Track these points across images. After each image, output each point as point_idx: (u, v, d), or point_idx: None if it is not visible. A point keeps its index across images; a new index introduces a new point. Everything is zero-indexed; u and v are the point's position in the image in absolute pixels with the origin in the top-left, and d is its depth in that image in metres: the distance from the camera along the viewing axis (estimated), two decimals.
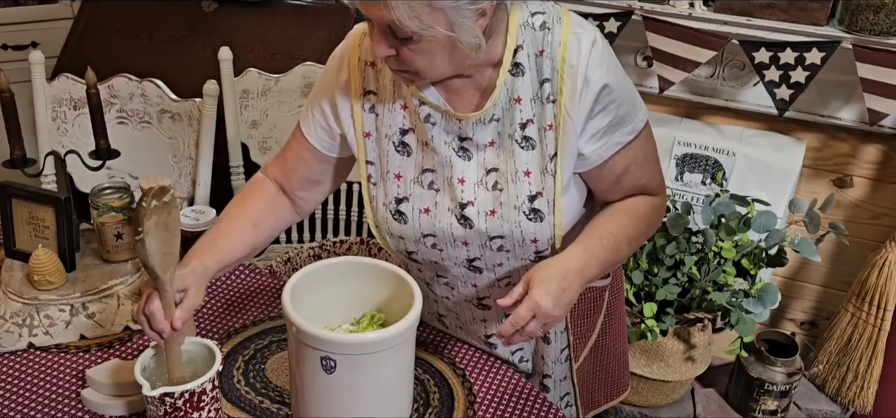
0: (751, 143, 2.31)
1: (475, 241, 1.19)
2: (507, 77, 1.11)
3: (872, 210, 2.34)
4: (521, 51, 1.10)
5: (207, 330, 1.37)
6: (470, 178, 1.16)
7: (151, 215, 1.00)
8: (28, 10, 2.69)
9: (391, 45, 1.02)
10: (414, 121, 1.17)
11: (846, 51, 1.99)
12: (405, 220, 1.20)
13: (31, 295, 1.30)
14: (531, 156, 1.13)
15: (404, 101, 1.16)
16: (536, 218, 1.15)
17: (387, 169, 1.19)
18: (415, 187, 1.18)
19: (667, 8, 2.15)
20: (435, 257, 1.23)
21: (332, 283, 1.15)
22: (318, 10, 2.37)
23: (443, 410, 1.19)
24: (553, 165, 1.13)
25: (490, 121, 1.13)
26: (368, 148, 1.20)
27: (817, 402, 2.33)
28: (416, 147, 1.18)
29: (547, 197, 1.14)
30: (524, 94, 1.11)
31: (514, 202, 1.14)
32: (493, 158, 1.15)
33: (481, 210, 1.16)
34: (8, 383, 1.22)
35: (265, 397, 1.20)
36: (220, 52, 2.02)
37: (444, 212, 1.17)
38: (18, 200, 1.35)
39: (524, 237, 1.16)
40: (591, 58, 1.08)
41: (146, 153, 2.03)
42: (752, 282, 2.10)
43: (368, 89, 1.18)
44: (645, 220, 1.22)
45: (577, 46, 1.08)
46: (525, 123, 1.12)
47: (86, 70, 1.42)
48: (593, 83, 1.09)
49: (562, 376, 1.41)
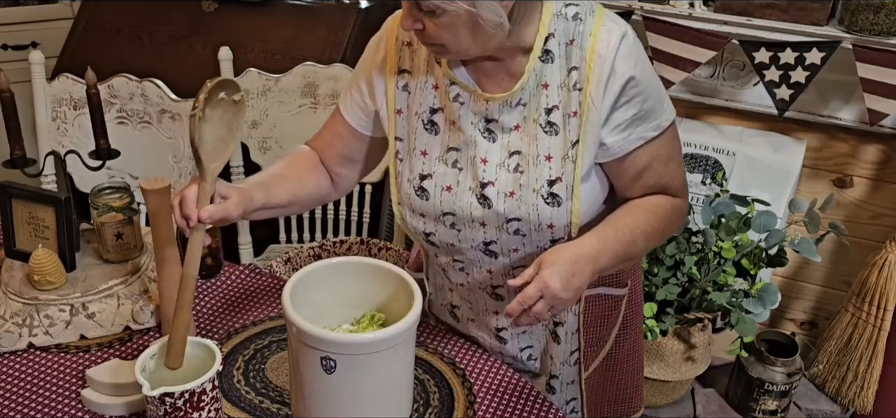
0: (751, 143, 2.31)
1: (492, 223, 1.20)
2: (536, 63, 1.13)
3: (872, 210, 2.34)
4: (552, 39, 1.13)
5: (207, 330, 1.37)
6: (493, 159, 1.18)
7: (217, 106, 1.03)
8: (28, 10, 2.70)
9: (417, 19, 1.07)
10: (444, 100, 1.20)
11: (846, 51, 1.99)
12: (427, 197, 1.22)
13: (31, 295, 1.30)
14: (554, 141, 1.15)
15: (436, 81, 1.20)
16: (554, 202, 1.16)
17: (414, 145, 1.22)
18: (439, 165, 1.21)
19: (667, 8, 2.15)
20: (452, 239, 1.24)
21: (332, 283, 1.15)
22: (318, 10, 2.37)
23: (443, 410, 1.19)
24: (574, 152, 1.14)
25: (516, 105, 1.16)
26: (398, 124, 1.24)
27: (817, 402, 2.33)
28: (444, 126, 1.21)
29: (566, 182, 1.15)
30: (552, 80, 1.14)
31: (534, 185, 1.16)
32: (517, 142, 1.17)
33: (501, 191, 1.17)
34: (8, 383, 1.22)
35: (265, 397, 1.20)
36: (220, 52, 2.02)
37: (465, 190, 1.19)
38: (18, 200, 1.35)
39: (541, 221, 1.17)
40: (619, 49, 1.11)
41: (146, 153, 2.03)
42: (752, 282, 2.10)
43: (403, 68, 1.23)
44: (664, 219, 1.22)
45: (606, 37, 1.11)
46: (550, 109, 1.15)
47: (86, 70, 1.41)
48: (620, 74, 1.11)
49: (569, 379, 1.40)
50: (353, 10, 2.36)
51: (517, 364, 1.41)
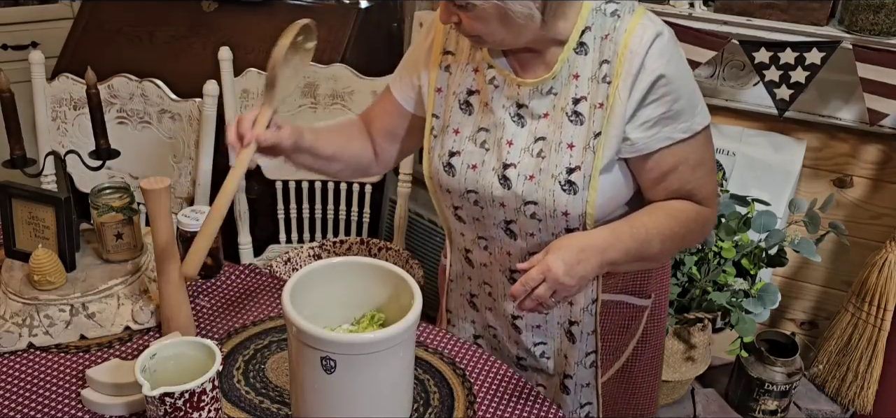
0: (751, 143, 2.31)
1: (511, 204, 1.23)
2: (570, 54, 1.17)
3: (872, 210, 2.34)
4: (588, 32, 1.16)
5: (207, 331, 1.37)
6: (518, 143, 1.21)
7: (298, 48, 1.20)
8: (28, 10, 2.70)
9: (453, 12, 1.12)
10: (480, 83, 1.25)
11: (846, 51, 1.99)
12: (453, 173, 1.27)
13: (31, 295, 1.30)
14: (578, 130, 1.17)
15: (476, 64, 1.25)
16: (571, 190, 1.17)
17: (448, 123, 1.28)
18: (468, 144, 1.26)
19: (667, 8, 2.15)
20: (477, 214, 1.29)
21: (332, 283, 1.15)
22: (318, 10, 2.37)
23: (443, 410, 1.19)
24: (596, 143, 1.16)
25: (547, 93, 1.19)
26: (437, 102, 1.30)
27: (817, 402, 2.33)
28: (478, 107, 1.26)
29: (584, 172, 1.16)
30: (583, 72, 1.16)
31: (553, 171, 1.18)
32: (544, 129, 1.20)
33: (522, 173, 1.20)
34: (8, 383, 1.22)
35: (265, 397, 1.20)
36: (220, 52, 2.02)
37: (489, 170, 1.23)
38: (18, 200, 1.35)
39: (556, 207, 1.19)
40: (652, 47, 1.12)
41: (146, 153, 2.04)
42: (752, 282, 2.10)
43: (448, 49, 1.29)
44: (684, 225, 1.21)
45: (640, 34, 1.13)
46: (578, 99, 1.17)
47: (86, 70, 1.42)
48: (650, 71, 1.12)
49: (584, 382, 1.39)
50: (353, 10, 2.36)
51: (530, 360, 1.41)
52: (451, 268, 1.45)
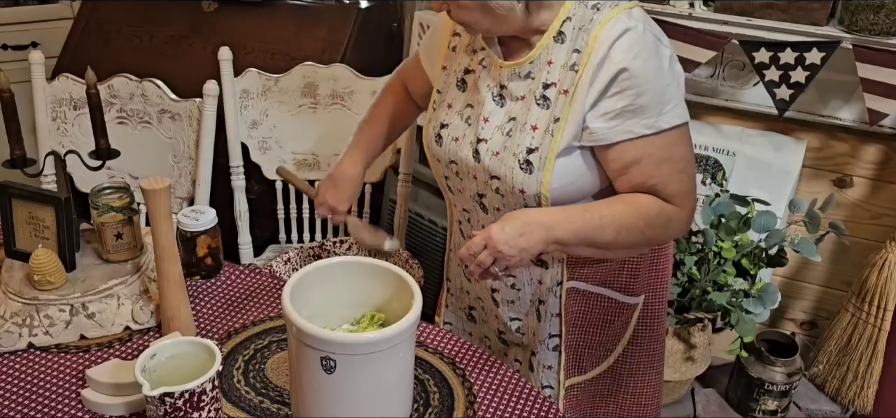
0: (751, 143, 2.31)
1: (481, 177, 1.31)
2: (550, 42, 1.22)
3: (872, 210, 2.34)
4: (568, 22, 1.21)
5: (207, 331, 1.37)
6: (494, 121, 1.28)
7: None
8: (28, 10, 2.70)
9: (444, 2, 1.21)
10: (475, 64, 1.34)
11: (846, 51, 1.99)
12: (441, 144, 1.36)
13: (31, 295, 1.30)
14: (542, 113, 1.22)
15: (475, 47, 1.34)
16: (527, 169, 1.23)
17: (445, 98, 1.38)
18: (456, 117, 1.35)
19: (667, 8, 2.15)
20: (459, 185, 1.38)
21: (332, 283, 1.15)
22: (318, 10, 2.37)
23: (443, 410, 1.20)
24: (554, 127, 1.20)
25: (525, 77, 1.25)
26: (442, 78, 1.40)
27: (817, 402, 2.33)
28: (470, 85, 1.34)
29: (541, 153, 1.21)
30: (557, 59, 1.22)
31: (515, 150, 1.24)
32: (518, 110, 1.26)
33: (490, 149, 1.27)
34: (8, 383, 1.22)
35: (265, 397, 1.20)
36: (220, 52, 2.02)
37: (467, 143, 1.32)
38: (18, 200, 1.35)
39: (514, 184, 1.25)
40: (620, 40, 1.15)
41: (146, 153, 2.04)
42: (752, 282, 2.10)
43: (456, 32, 1.39)
44: (644, 218, 1.22)
45: (611, 27, 1.16)
46: (549, 84, 1.22)
47: (86, 70, 1.41)
48: (613, 63, 1.15)
49: (547, 364, 1.44)
50: (353, 10, 2.36)
51: (509, 335, 1.48)
52: (451, 238, 1.54)
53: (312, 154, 2.13)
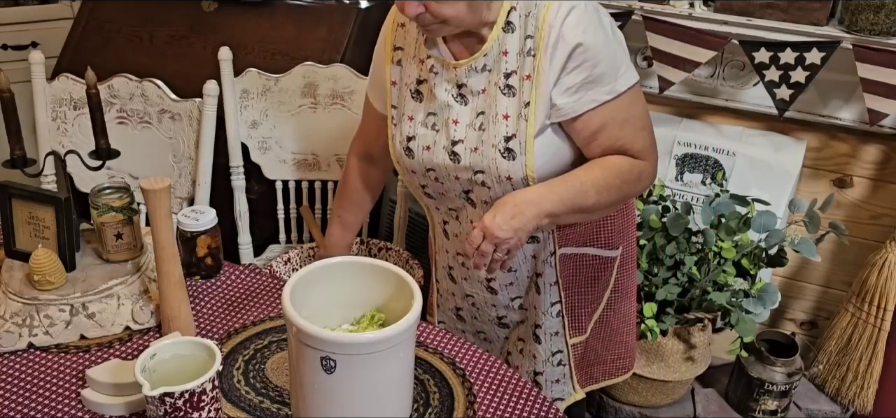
0: (751, 143, 2.31)
1: (464, 176, 1.35)
2: (499, 33, 1.26)
3: (872, 210, 2.34)
4: (513, 11, 1.26)
5: (207, 331, 1.37)
6: (463, 120, 1.32)
7: None
8: (28, 10, 2.69)
9: (421, 3, 1.19)
10: (425, 73, 1.36)
11: (846, 51, 1.99)
12: (412, 156, 1.39)
13: (31, 295, 1.30)
14: (510, 101, 1.28)
15: (420, 56, 1.36)
16: (509, 156, 1.28)
17: (404, 112, 1.40)
18: (421, 128, 1.38)
19: (667, 8, 2.15)
20: (440, 189, 1.42)
21: (332, 283, 1.15)
22: (318, 9, 2.37)
23: (443, 410, 1.20)
24: (526, 112, 1.26)
25: (482, 70, 1.29)
26: (394, 94, 1.42)
27: (817, 402, 2.33)
28: (426, 94, 1.37)
29: (520, 138, 1.27)
30: (511, 48, 1.27)
31: (492, 141, 1.29)
32: (483, 104, 1.31)
33: (468, 147, 1.32)
34: (8, 383, 1.22)
35: (265, 397, 1.20)
36: (220, 52, 2.02)
37: (441, 149, 1.35)
38: (18, 200, 1.35)
39: (500, 173, 1.30)
40: (568, 18, 1.22)
41: (146, 153, 2.03)
42: (752, 282, 2.10)
43: (397, 45, 1.41)
44: (618, 175, 1.30)
45: (556, 8, 1.23)
46: (509, 73, 1.28)
47: (86, 70, 1.41)
48: (567, 41, 1.22)
49: (553, 330, 1.51)
50: (353, 10, 2.36)
51: (510, 316, 1.55)
52: (434, 242, 1.58)
53: (312, 154, 2.13)
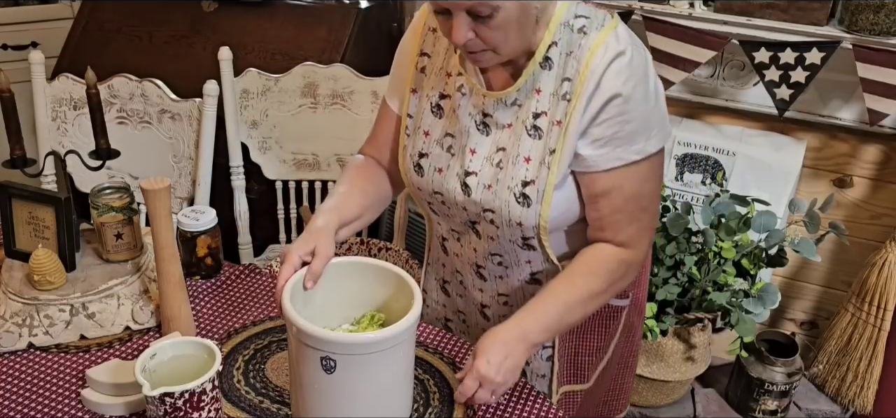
0: (751, 143, 2.31)
1: (472, 209, 1.26)
2: (535, 68, 1.16)
3: (872, 210, 2.34)
4: (554, 47, 1.16)
5: (207, 331, 1.37)
6: (481, 152, 1.23)
7: None
8: (28, 9, 2.69)
9: (470, 28, 1.08)
10: (451, 89, 1.25)
11: (846, 51, 1.99)
12: (422, 174, 1.29)
13: (31, 295, 1.30)
14: (535, 144, 1.18)
15: (449, 70, 1.26)
16: (525, 203, 1.19)
17: (419, 124, 1.30)
18: (436, 147, 1.28)
19: (667, 8, 2.15)
20: (445, 212, 1.32)
21: (332, 283, 1.15)
22: (318, 9, 2.37)
23: (443, 410, 1.19)
24: (550, 159, 1.17)
25: (511, 104, 1.20)
26: (411, 102, 1.31)
27: (817, 402, 2.33)
28: (447, 112, 1.27)
29: (538, 186, 1.18)
30: (545, 87, 1.17)
31: (509, 183, 1.20)
32: (506, 139, 1.21)
33: (481, 182, 1.22)
34: (8, 383, 1.22)
35: (265, 397, 1.20)
36: (220, 52, 2.02)
37: (453, 175, 1.25)
38: (18, 200, 1.35)
39: (511, 217, 1.21)
40: (612, 65, 1.11)
41: (146, 153, 2.04)
42: (752, 282, 2.10)
43: (424, 51, 1.30)
44: (605, 279, 1.22)
45: (602, 53, 1.12)
46: (538, 114, 1.18)
47: (86, 70, 1.41)
48: (604, 90, 1.12)
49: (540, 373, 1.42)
50: (353, 10, 2.36)
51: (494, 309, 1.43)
52: (429, 252, 1.50)
53: (312, 154, 2.13)
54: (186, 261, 1.47)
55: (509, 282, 1.34)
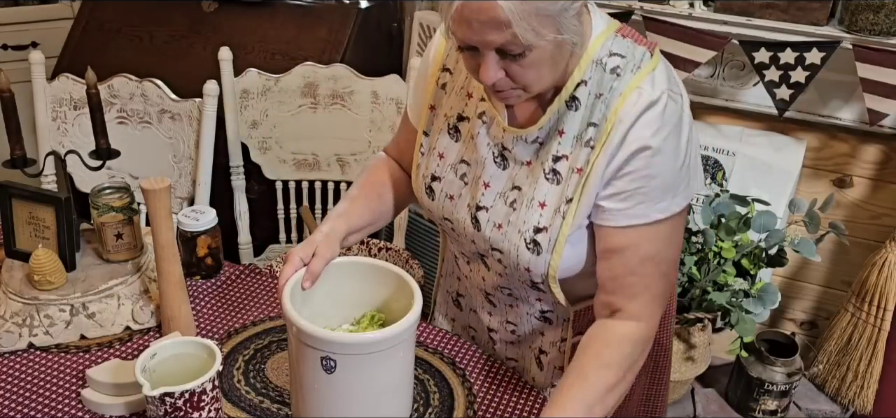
0: (751, 143, 2.31)
1: (481, 244, 1.20)
2: (561, 106, 1.08)
3: (872, 210, 2.34)
4: (583, 87, 1.07)
5: (207, 331, 1.37)
6: (495, 186, 1.16)
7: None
8: (28, 10, 2.70)
9: (500, 67, 1.01)
10: (471, 112, 1.18)
11: (846, 51, 1.99)
12: (433, 197, 1.24)
13: (31, 295, 1.30)
14: (551, 189, 1.10)
15: (471, 90, 1.18)
16: (535, 250, 1.12)
17: (434, 144, 1.23)
18: (449, 172, 1.21)
19: (667, 8, 2.15)
20: (455, 237, 1.27)
21: (332, 283, 1.15)
22: (318, 9, 2.37)
23: (443, 410, 1.20)
24: (566, 209, 1.09)
25: (532, 142, 1.12)
26: (428, 119, 1.24)
27: (817, 402, 2.33)
28: (465, 136, 1.20)
29: (550, 235, 1.11)
30: (569, 129, 1.08)
31: (520, 227, 1.13)
32: (523, 178, 1.14)
33: (491, 219, 1.16)
34: (8, 383, 1.22)
35: (265, 397, 1.20)
36: (220, 52, 2.02)
37: (464, 206, 1.20)
38: (18, 200, 1.35)
39: (519, 262, 1.15)
40: (642, 116, 1.03)
41: (146, 153, 2.03)
42: (752, 282, 2.10)
43: (447, 66, 1.22)
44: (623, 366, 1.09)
45: (634, 100, 1.03)
46: (559, 157, 1.09)
47: (86, 70, 1.41)
48: (632, 141, 1.03)
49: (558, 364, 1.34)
50: (353, 10, 2.36)
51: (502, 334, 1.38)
52: (443, 263, 1.45)
53: (312, 154, 2.13)
54: (186, 261, 1.47)
55: (518, 312, 1.29)
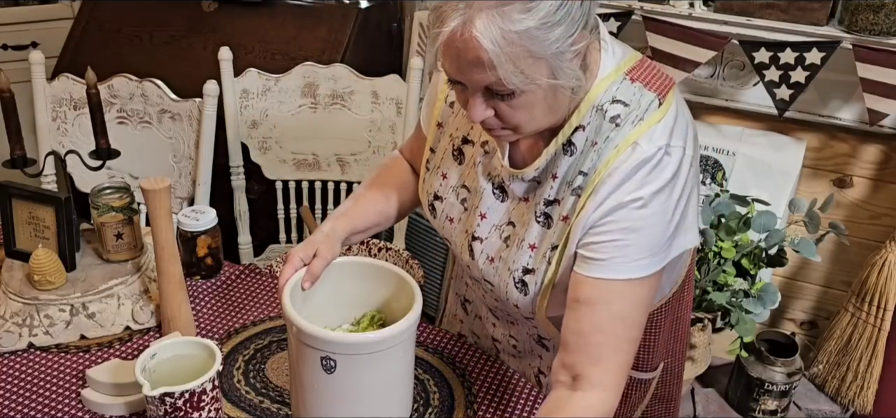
0: (751, 143, 2.31)
1: (475, 271, 1.19)
2: (558, 148, 1.05)
3: (872, 210, 2.34)
4: (580, 132, 1.03)
5: (207, 331, 1.37)
6: (491, 218, 1.14)
7: None
8: (28, 10, 2.70)
9: (489, 106, 0.97)
10: (476, 135, 1.15)
11: (846, 51, 1.99)
12: (435, 215, 1.24)
13: (31, 295, 1.30)
14: (542, 233, 1.08)
15: None
16: (523, 290, 1.11)
17: (439, 164, 1.22)
18: (451, 193, 1.20)
19: (667, 8, 2.15)
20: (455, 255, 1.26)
21: (332, 283, 1.15)
22: (318, 9, 2.37)
23: (443, 410, 1.20)
24: (552, 255, 1.07)
25: (530, 180, 1.10)
26: (436, 135, 1.22)
27: (817, 402, 2.33)
28: (468, 161, 1.17)
29: (537, 278, 1.09)
30: (562, 173, 1.06)
31: (510, 265, 1.12)
32: (519, 215, 1.12)
33: (485, 251, 1.16)
34: (8, 383, 1.22)
35: (265, 397, 1.20)
36: (220, 52, 2.02)
37: (462, 231, 1.19)
38: (18, 200, 1.35)
39: (509, 298, 1.14)
40: (634, 175, 0.98)
41: (146, 153, 2.03)
42: (752, 282, 2.10)
43: None
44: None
45: (627, 156, 0.98)
46: (551, 201, 1.07)
47: (86, 70, 1.41)
48: (619, 195, 0.98)
49: None
50: (353, 10, 2.36)
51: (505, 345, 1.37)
52: (454, 265, 1.45)
53: (312, 154, 2.13)
54: (186, 261, 1.47)
55: (519, 330, 1.29)
